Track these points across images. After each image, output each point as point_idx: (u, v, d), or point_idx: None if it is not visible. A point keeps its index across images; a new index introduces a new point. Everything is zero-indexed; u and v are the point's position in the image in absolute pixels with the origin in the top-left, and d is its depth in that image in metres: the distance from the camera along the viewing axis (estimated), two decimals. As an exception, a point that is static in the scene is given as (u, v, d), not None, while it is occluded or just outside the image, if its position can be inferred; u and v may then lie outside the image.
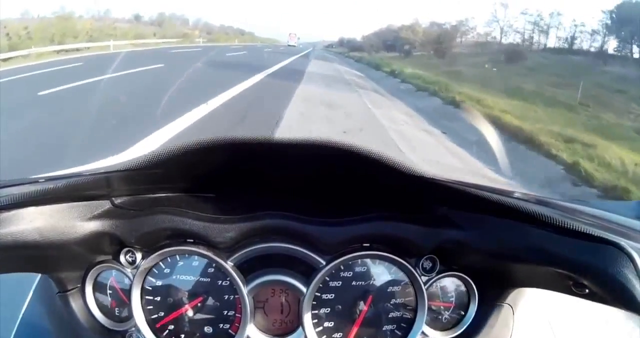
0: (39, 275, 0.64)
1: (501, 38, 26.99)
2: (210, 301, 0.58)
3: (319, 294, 0.57)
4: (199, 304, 0.58)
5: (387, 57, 26.54)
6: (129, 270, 0.58)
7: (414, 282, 0.58)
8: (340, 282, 0.58)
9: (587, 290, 0.47)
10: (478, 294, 0.60)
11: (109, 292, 0.60)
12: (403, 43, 29.40)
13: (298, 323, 0.58)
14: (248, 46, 32.13)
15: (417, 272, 0.57)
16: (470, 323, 0.60)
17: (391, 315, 0.58)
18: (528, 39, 26.14)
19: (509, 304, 0.59)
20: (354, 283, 0.58)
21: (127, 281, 0.59)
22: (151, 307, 0.58)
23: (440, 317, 0.60)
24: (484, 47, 25.74)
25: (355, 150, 0.50)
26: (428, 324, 0.59)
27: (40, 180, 0.51)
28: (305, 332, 0.57)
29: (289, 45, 39.55)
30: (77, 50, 14.94)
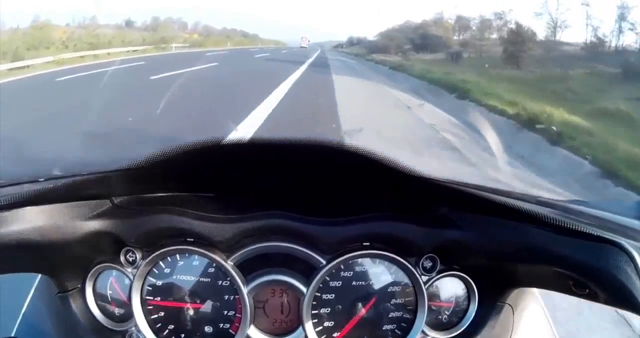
0: (39, 275, 0.64)
1: (554, 36, 18.66)
2: (210, 301, 0.58)
3: (319, 294, 0.57)
4: (199, 304, 0.58)
5: (427, 61, 19.05)
6: (129, 270, 0.58)
7: (414, 281, 0.58)
8: (341, 282, 0.58)
9: (587, 290, 0.47)
10: (478, 294, 0.60)
11: (109, 291, 0.60)
12: (435, 42, 22.87)
13: (298, 323, 0.58)
14: (237, 51, 24.75)
15: (417, 271, 0.57)
16: (470, 323, 0.60)
17: (391, 314, 0.58)
18: (596, 38, 17.53)
19: (509, 304, 0.59)
20: (354, 283, 0.58)
21: (127, 281, 0.59)
22: (151, 306, 0.58)
23: (440, 316, 0.60)
24: (548, 49, 17.49)
25: (356, 151, 0.50)
26: (428, 324, 0.59)
27: (40, 180, 0.51)
28: (305, 332, 0.57)
29: (301, 47, 36.89)
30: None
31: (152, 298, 0.58)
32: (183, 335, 0.58)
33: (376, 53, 26.88)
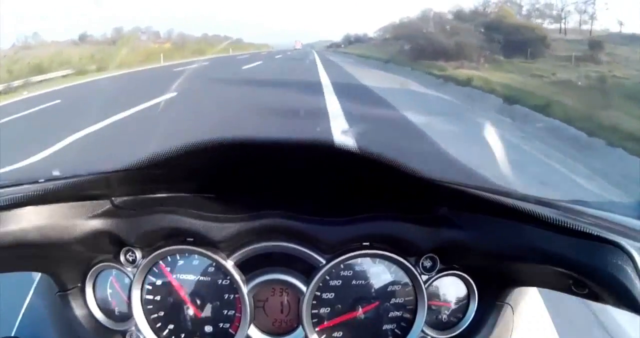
0: (39, 274, 0.64)
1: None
2: (210, 300, 0.58)
3: (319, 293, 0.57)
4: (199, 303, 0.58)
5: None
6: (129, 270, 0.59)
7: (413, 281, 0.58)
8: (340, 281, 0.58)
9: (587, 290, 0.47)
10: (478, 293, 0.60)
11: (109, 291, 0.60)
12: (530, 38, 12.00)
13: (298, 322, 0.58)
14: (179, 71, 12.43)
15: (417, 271, 0.57)
16: (470, 322, 0.60)
17: (391, 314, 0.58)
18: None
19: (509, 303, 0.59)
20: (353, 282, 0.58)
21: (127, 280, 0.59)
22: (151, 306, 0.58)
23: (440, 316, 0.60)
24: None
25: (356, 151, 0.50)
26: (428, 323, 0.59)
27: (40, 180, 0.51)
28: (305, 331, 0.57)
29: (295, 49, 35.38)
30: None
31: (152, 297, 0.58)
32: (183, 335, 0.58)
33: (430, 58, 13.20)
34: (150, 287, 0.58)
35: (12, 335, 0.61)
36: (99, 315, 0.60)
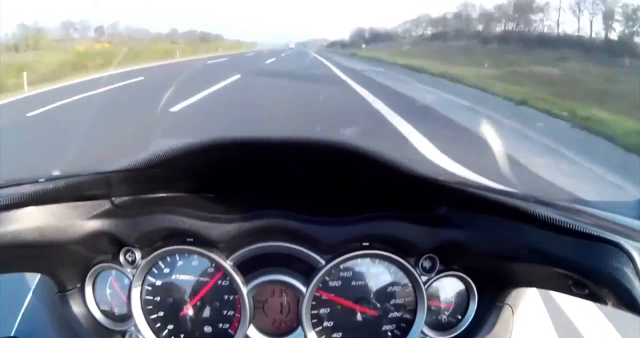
0: (39, 275, 0.64)
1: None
2: (209, 301, 0.58)
3: (318, 294, 0.57)
4: (198, 304, 0.58)
5: None
6: (128, 270, 0.58)
7: (413, 281, 0.58)
8: (340, 282, 0.58)
9: (586, 290, 0.47)
10: (477, 294, 0.60)
11: (108, 291, 0.60)
12: None
13: (297, 323, 0.58)
14: None
15: (416, 271, 0.57)
16: (470, 323, 0.60)
17: (390, 315, 0.58)
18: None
19: (508, 304, 0.59)
20: (353, 283, 0.58)
21: (126, 281, 0.59)
22: (151, 306, 0.58)
23: (439, 317, 0.60)
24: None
25: (356, 150, 0.50)
26: (427, 324, 0.59)
27: (40, 180, 0.51)
28: (304, 332, 0.57)
29: (289, 48, 33.65)
30: None
31: (151, 298, 0.58)
32: (182, 335, 0.58)
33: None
34: (149, 288, 0.58)
35: (12, 335, 0.61)
36: (98, 315, 0.60)
